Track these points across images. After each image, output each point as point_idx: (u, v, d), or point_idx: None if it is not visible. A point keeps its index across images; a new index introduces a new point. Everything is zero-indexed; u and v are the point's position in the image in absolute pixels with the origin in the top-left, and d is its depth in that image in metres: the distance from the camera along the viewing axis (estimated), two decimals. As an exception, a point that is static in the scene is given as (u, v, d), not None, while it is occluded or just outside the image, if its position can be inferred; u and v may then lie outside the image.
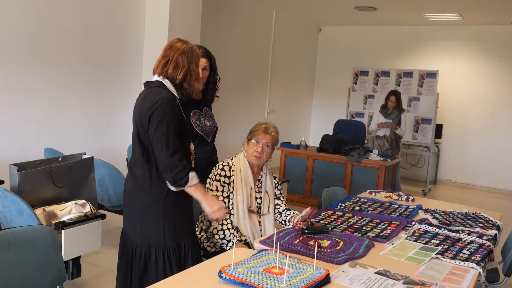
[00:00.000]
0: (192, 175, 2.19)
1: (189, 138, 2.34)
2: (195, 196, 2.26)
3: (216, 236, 2.55)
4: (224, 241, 2.54)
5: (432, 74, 7.91)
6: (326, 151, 6.10)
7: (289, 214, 2.78)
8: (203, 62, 2.90)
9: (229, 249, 2.48)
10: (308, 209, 2.54)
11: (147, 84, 2.30)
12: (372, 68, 8.52)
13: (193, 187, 2.22)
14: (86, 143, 4.93)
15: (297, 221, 2.50)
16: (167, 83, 2.25)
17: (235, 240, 2.52)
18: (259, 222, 2.71)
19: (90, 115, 5.01)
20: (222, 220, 2.56)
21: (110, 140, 5.20)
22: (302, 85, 9.90)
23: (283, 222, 2.79)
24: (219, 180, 2.66)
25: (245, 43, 7.76)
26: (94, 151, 4.79)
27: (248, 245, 2.63)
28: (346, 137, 6.23)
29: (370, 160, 5.74)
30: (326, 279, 1.81)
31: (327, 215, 2.89)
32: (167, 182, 2.21)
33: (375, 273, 1.97)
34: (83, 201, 2.83)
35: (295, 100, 9.68)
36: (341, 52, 9.92)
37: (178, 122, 2.20)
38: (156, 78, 2.28)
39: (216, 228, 2.56)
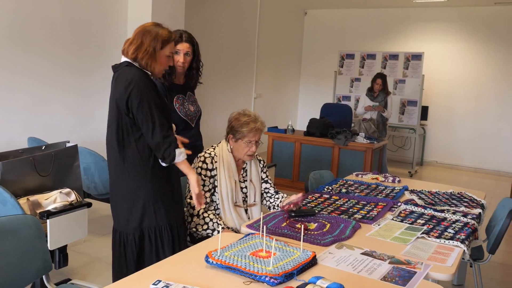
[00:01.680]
0: (179, 151, 2.17)
1: (170, 114, 2.31)
2: (183, 170, 2.24)
3: (200, 229, 2.50)
4: (208, 231, 2.50)
5: (418, 56, 7.92)
6: (313, 134, 6.11)
7: (278, 198, 2.75)
8: (185, 47, 2.86)
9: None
10: (300, 195, 2.53)
11: (116, 67, 2.26)
12: (358, 51, 8.51)
13: (181, 162, 2.20)
14: (71, 132, 4.87)
15: (285, 205, 2.49)
16: (133, 61, 2.22)
17: (219, 228, 2.48)
18: (246, 210, 2.67)
19: (75, 103, 4.94)
20: (203, 214, 2.52)
21: (95, 129, 5.14)
22: (289, 70, 9.86)
23: (272, 206, 2.76)
24: (200, 174, 2.56)
25: (230, 27, 7.68)
26: (80, 139, 4.73)
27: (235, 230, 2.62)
28: (333, 121, 6.24)
29: (357, 143, 5.76)
30: (313, 261, 1.82)
31: (314, 198, 2.90)
32: (160, 158, 2.20)
33: (362, 254, 1.98)
34: (68, 189, 2.79)
35: (282, 85, 9.66)
36: (327, 36, 9.88)
37: (156, 96, 2.19)
38: (123, 58, 2.25)
39: (199, 224, 2.50)
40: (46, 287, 2.14)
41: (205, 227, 2.50)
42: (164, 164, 2.22)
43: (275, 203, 2.73)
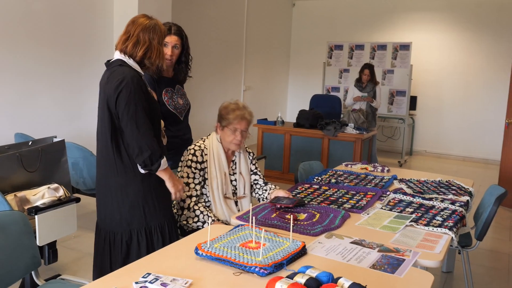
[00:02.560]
0: (164, 160, 2.17)
1: (159, 116, 2.29)
2: (162, 176, 2.24)
3: (191, 221, 2.51)
4: (199, 223, 2.51)
5: (406, 46, 7.95)
6: (303, 126, 6.12)
7: (265, 190, 2.75)
8: (174, 40, 2.83)
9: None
10: (286, 194, 2.58)
11: (109, 64, 2.22)
12: (347, 42, 8.52)
13: (162, 170, 2.20)
14: (59, 127, 4.83)
15: (273, 200, 2.49)
16: (128, 60, 2.18)
17: (210, 221, 2.49)
18: (236, 202, 2.67)
19: (62, 98, 4.89)
20: (193, 207, 2.52)
21: (84, 124, 5.10)
22: (278, 61, 9.85)
23: (261, 198, 2.76)
24: (190, 166, 2.56)
25: (217, 20, 7.64)
26: (69, 134, 4.70)
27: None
28: (322, 112, 6.25)
29: (346, 133, 5.78)
30: (303, 251, 1.83)
31: (303, 188, 2.91)
32: (138, 165, 2.17)
33: (351, 242, 1.99)
34: (56, 185, 2.77)
35: (271, 77, 9.64)
36: (315, 27, 9.88)
37: (146, 100, 2.16)
38: (117, 55, 2.20)
39: (190, 217, 2.50)
40: (36, 283, 2.13)
41: (195, 219, 2.50)
42: (143, 171, 2.19)
43: (264, 196, 2.74)
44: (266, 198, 2.70)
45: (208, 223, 2.48)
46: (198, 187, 2.57)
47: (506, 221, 4.99)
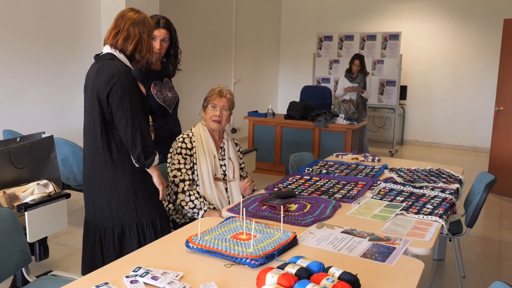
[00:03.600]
0: (157, 156, 2.20)
1: (148, 111, 2.29)
2: (152, 172, 2.27)
3: (186, 207, 2.53)
4: (195, 210, 2.53)
5: (395, 36, 7.96)
6: (294, 117, 6.11)
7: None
8: (162, 33, 2.81)
9: (201, 217, 2.48)
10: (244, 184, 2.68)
11: (98, 57, 2.20)
12: (336, 33, 8.50)
13: (153, 166, 2.23)
14: (48, 124, 4.79)
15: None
16: (119, 54, 2.17)
17: (206, 208, 2.52)
18: (226, 189, 2.71)
19: (51, 94, 4.85)
20: (188, 190, 2.55)
21: (73, 119, 5.06)
22: (268, 53, 9.82)
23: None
24: (180, 153, 2.63)
25: (206, 12, 7.59)
26: (59, 130, 4.67)
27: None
28: (313, 103, 6.25)
29: (337, 124, 5.79)
30: (294, 242, 1.83)
31: (294, 180, 2.91)
32: (133, 159, 2.17)
33: (342, 232, 2.00)
34: (45, 181, 2.75)
35: (262, 69, 9.62)
36: (305, 18, 9.85)
37: (138, 95, 2.15)
38: (107, 49, 2.19)
39: (184, 200, 2.54)
40: (27, 280, 2.11)
41: (190, 205, 2.54)
42: (137, 165, 2.21)
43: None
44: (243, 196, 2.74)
45: (204, 210, 2.52)
46: (189, 172, 2.62)
47: (496, 208, 5.04)
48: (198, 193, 2.61)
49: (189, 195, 2.55)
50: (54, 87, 4.86)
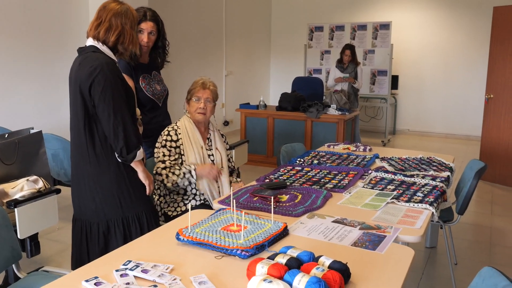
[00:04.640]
0: (140, 151, 2.16)
1: (135, 104, 2.26)
2: (136, 167, 2.24)
3: (180, 181, 2.57)
4: (187, 175, 2.58)
5: (386, 26, 7.95)
6: (285, 109, 6.11)
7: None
8: (149, 26, 2.79)
9: (195, 178, 2.57)
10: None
11: (81, 50, 2.18)
12: (327, 23, 8.48)
13: (136, 161, 2.19)
14: (38, 119, 4.75)
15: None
16: (101, 46, 2.14)
17: (193, 167, 2.59)
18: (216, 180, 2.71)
19: (40, 90, 4.80)
20: (172, 167, 2.58)
21: (63, 115, 5.02)
22: (259, 45, 9.78)
23: None
24: (165, 146, 2.63)
25: (196, 3, 7.53)
26: (47, 126, 4.63)
27: (208, 206, 2.63)
28: (305, 94, 6.25)
29: (329, 115, 5.79)
30: (284, 232, 1.83)
31: (286, 171, 2.91)
32: (116, 153, 2.14)
33: (333, 222, 2.00)
34: (35, 177, 2.73)
35: (253, 61, 9.58)
36: (295, 9, 9.80)
37: (122, 87, 2.12)
38: (90, 41, 2.16)
39: (172, 168, 2.57)
40: (18, 276, 2.10)
41: (181, 175, 2.56)
42: (119, 160, 2.17)
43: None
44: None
45: (193, 169, 2.57)
46: (173, 162, 2.61)
47: (487, 195, 5.07)
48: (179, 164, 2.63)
49: (173, 172, 2.56)
50: (43, 83, 4.82)
